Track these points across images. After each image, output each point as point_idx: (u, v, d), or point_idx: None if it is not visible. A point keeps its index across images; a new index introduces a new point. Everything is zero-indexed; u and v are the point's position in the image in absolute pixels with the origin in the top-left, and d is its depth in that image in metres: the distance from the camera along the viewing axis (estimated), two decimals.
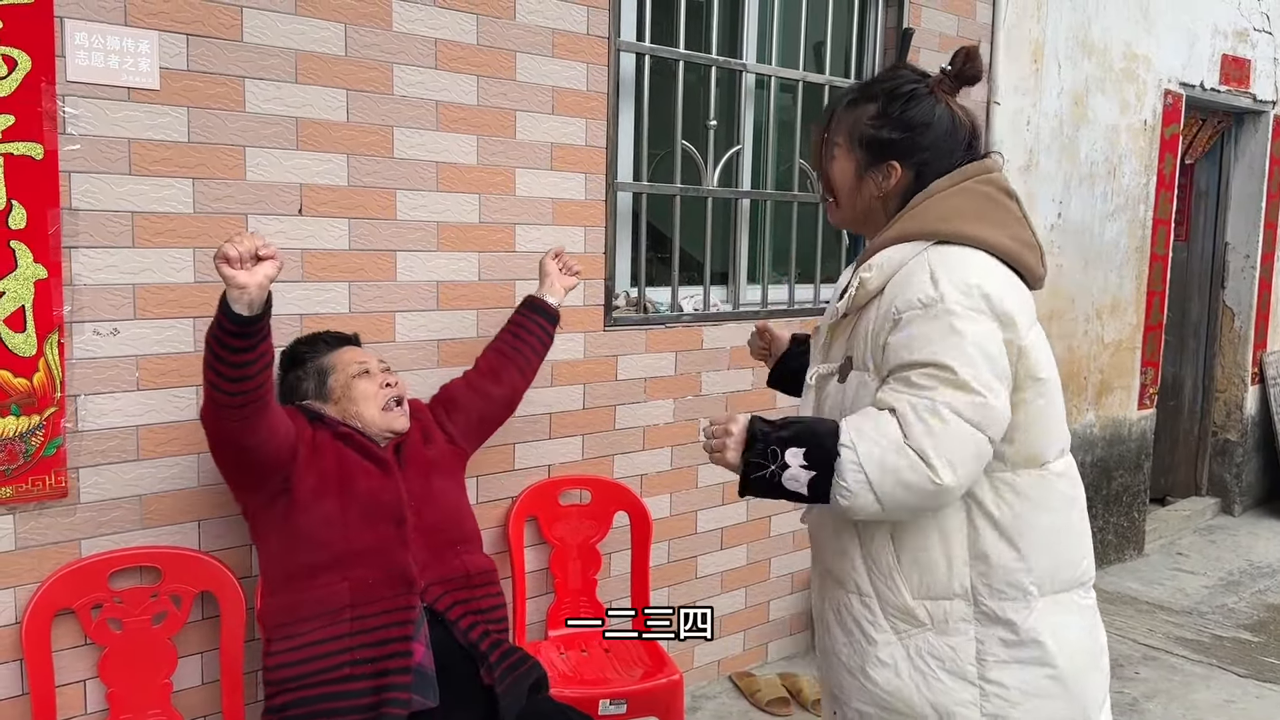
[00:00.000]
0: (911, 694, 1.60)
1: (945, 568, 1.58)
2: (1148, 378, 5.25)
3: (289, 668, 2.04)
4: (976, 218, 1.58)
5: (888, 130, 1.62)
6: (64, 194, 2.10)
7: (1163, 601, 4.68)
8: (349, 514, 2.11)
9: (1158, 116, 4.99)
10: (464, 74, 2.66)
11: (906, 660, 1.61)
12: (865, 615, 1.64)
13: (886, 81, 1.66)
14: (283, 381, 2.30)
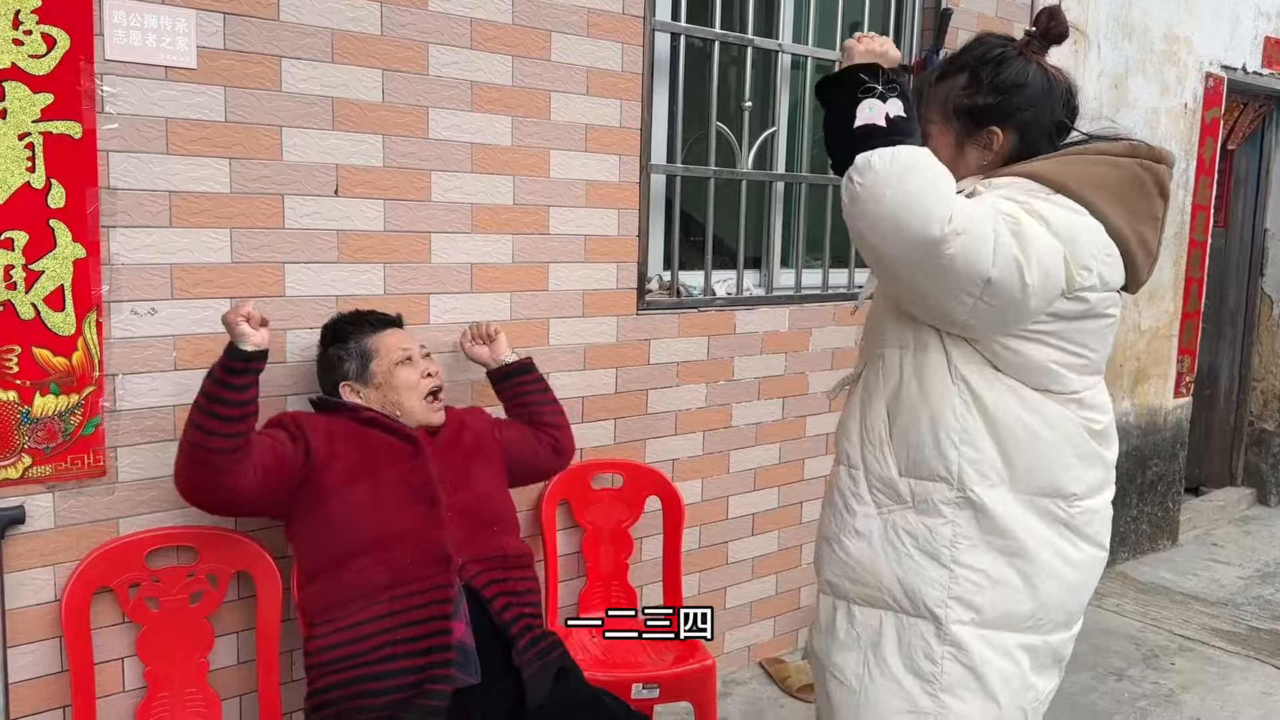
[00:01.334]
0: (881, 567, 1.65)
1: (933, 446, 1.62)
2: (1184, 366, 5.18)
3: (330, 650, 2.04)
4: (1113, 194, 1.56)
5: (982, 96, 1.61)
6: (102, 173, 2.10)
7: (1198, 592, 4.62)
8: (380, 497, 2.11)
9: (1198, 100, 4.90)
10: (499, 54, 2.64)
11: (882, 534, 1.66)
12: (850, 486, 1.70)
13: (974, 50, 1.65)
14: (322, 357, 2.29)
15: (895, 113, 1.50)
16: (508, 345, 2.58)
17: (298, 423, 2.16)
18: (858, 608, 1.71)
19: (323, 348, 2.30)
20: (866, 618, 1.70)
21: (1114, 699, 3.46)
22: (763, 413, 3.44)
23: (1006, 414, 1.61)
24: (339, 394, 2.25)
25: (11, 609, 2.10)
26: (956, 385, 1.60)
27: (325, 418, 2.21)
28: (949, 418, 1.61)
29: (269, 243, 2.33)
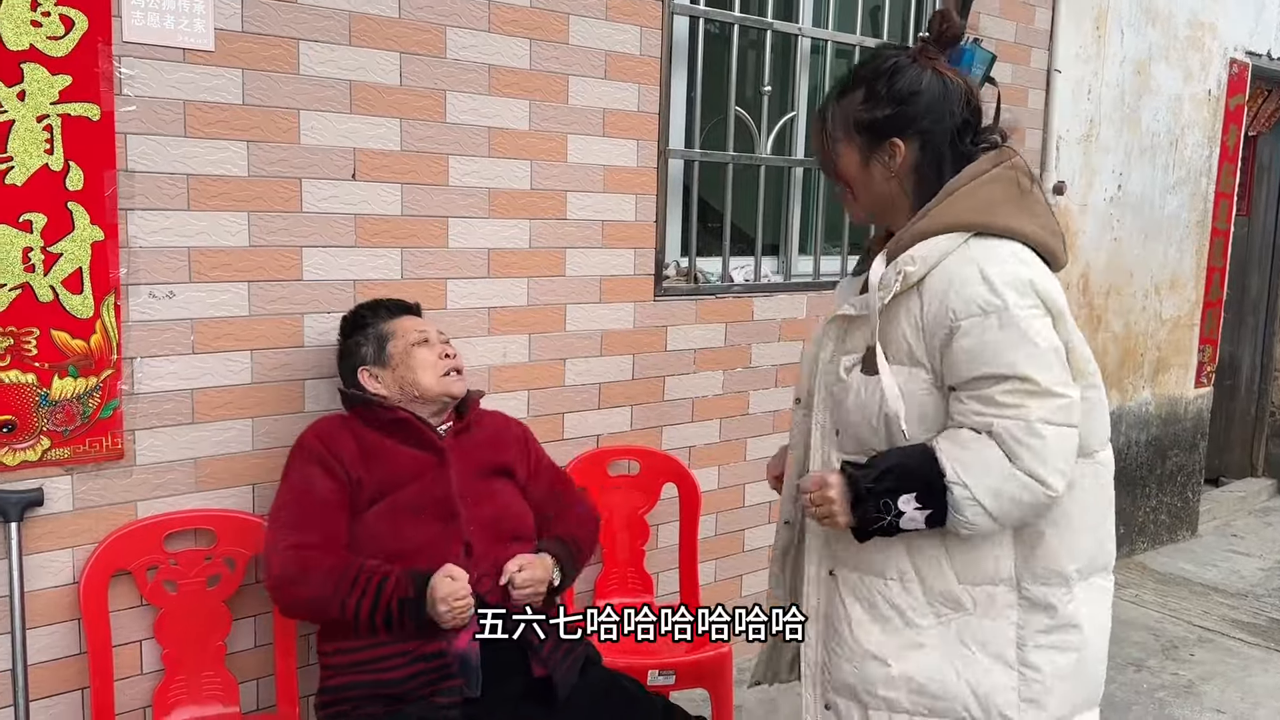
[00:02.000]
0: (950, 677, 1.60)
1: (991, 554, 1.59)
2: (1205, 355, 5.13)
3: (341, 654, 2.04)
4: (1012, 207, 1.56)
5: (879, 108, 1.59)
6: (120, 155, 2.10)
7: (1217, 583, 4.58)
8: (399, 513, 2.08)
9: (1222, 86, 4.84)
10: (517, 37, 2.63)
11: (947, 644, 1.61)
12: (907, 601, 1.62)
13: (869, 63, 1.63)
14: (342, 346, 2.27)
15: (913, 506, 1.52)
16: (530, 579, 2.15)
17: (338, 457, 2.10)
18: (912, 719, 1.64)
19: (342, 338, 2.28)
20: None
21: (1133, 690, 3.44)
22: (780, 400, 3.42)
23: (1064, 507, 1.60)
24: (358, 380, 2.21)
25: (30, 590, 2.10)
26: None
27: (353, 432, 2.15)
28: None
29: (286, 226, 2.33)
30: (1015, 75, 3.90)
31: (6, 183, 1.97)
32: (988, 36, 3.70)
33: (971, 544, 1.59)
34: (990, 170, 1.58)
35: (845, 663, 1.68)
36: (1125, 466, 4.80)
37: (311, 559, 2.00)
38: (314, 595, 1.99)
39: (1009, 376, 1.49)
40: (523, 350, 2.77)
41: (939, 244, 1.54)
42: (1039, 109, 4.06)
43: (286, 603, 2.06)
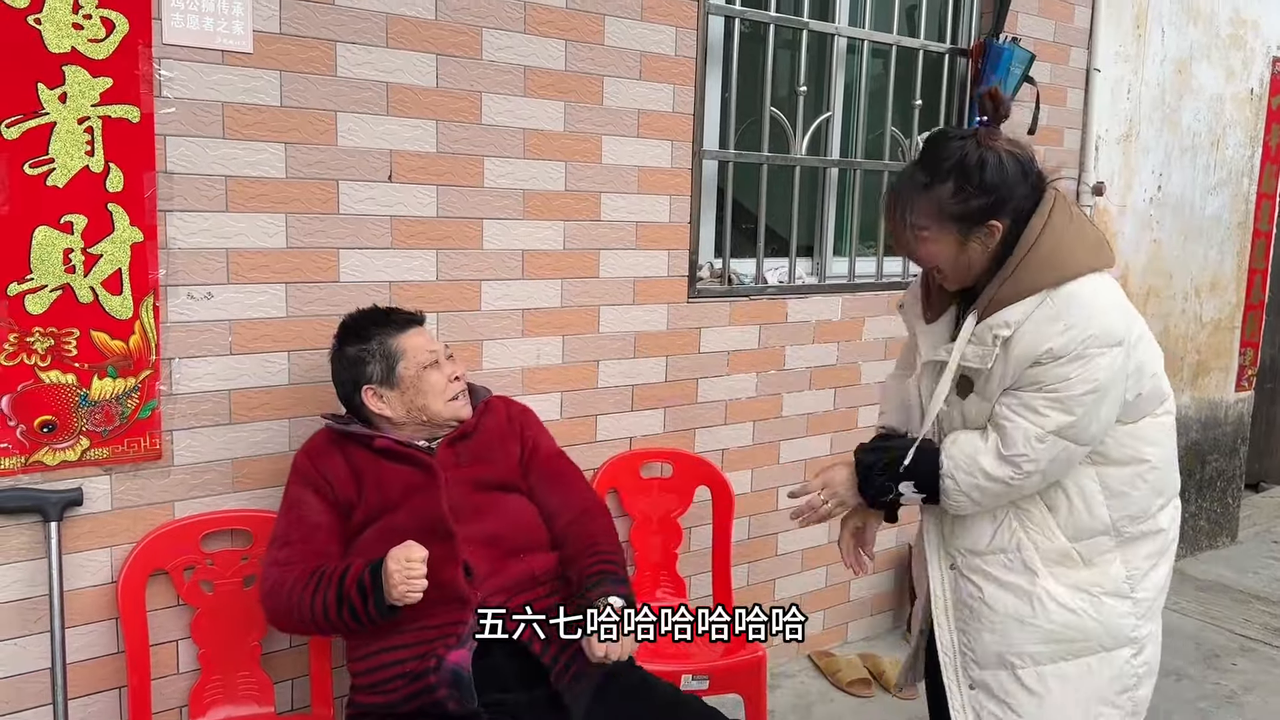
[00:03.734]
0: (1084, 621, 1.85)
1: (1086, 512, 1.85)
2: (1246, 359, 5.04)
3: (360, 675, 2.04)
4: (1073, 248, 1.76)
5: (975, 199, 1.74)
6: (160, 157, 2.11)
7: (1259, 591, 4.50)
8: (392, 536, 1.98)
9: (1265, 85, 4.76)
10: (552, 38, 2.62)
11: (1071, 594, 1.85)
12: (1026, 567, 1.87)
13: (945, 157, 1.76)
14: (340, 355, 2.15)
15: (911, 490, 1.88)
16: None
17: (326, 479, 2.08)
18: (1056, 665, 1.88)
19: (340, 345, 2.16)
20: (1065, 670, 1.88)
21: (1173, 699, 3.38)
22: (814, 403, 3.39)
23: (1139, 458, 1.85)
24: (361, 397, 2.12)
25: (70, 589, 2.12)
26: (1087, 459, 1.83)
27: (342, 454, 2.10)
28: (1091, 486, 1.85)
29: (324, 228, 2.33)
30: (1054, 74, 3.85)
31: (48, 184, 1.99)
32: (1026, 35, 3.65)
33: (1071, 507, 1.84)
34: (1047, 219, 1.76)
35: (986, 634, 1.91)
36: None
37: (287, 573, 2.00)
38: (290, 605, 1.98)
39: (1052, 396, 1.74)
40: (556, 352, 2.76)
41: (1024, 307, 1.75)
42: (1078, 109, 4.00)
43: (272, 618, 2.05)
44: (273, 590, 2.00)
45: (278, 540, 2.07)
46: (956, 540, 1.95)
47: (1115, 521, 1.86)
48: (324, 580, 1.96)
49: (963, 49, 3.64)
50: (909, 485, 1.87)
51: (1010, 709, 1.90)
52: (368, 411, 2.14)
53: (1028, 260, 1.75)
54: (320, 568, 1.99)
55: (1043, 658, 1.87)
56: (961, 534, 1.93)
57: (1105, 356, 1.73)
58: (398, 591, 1.87)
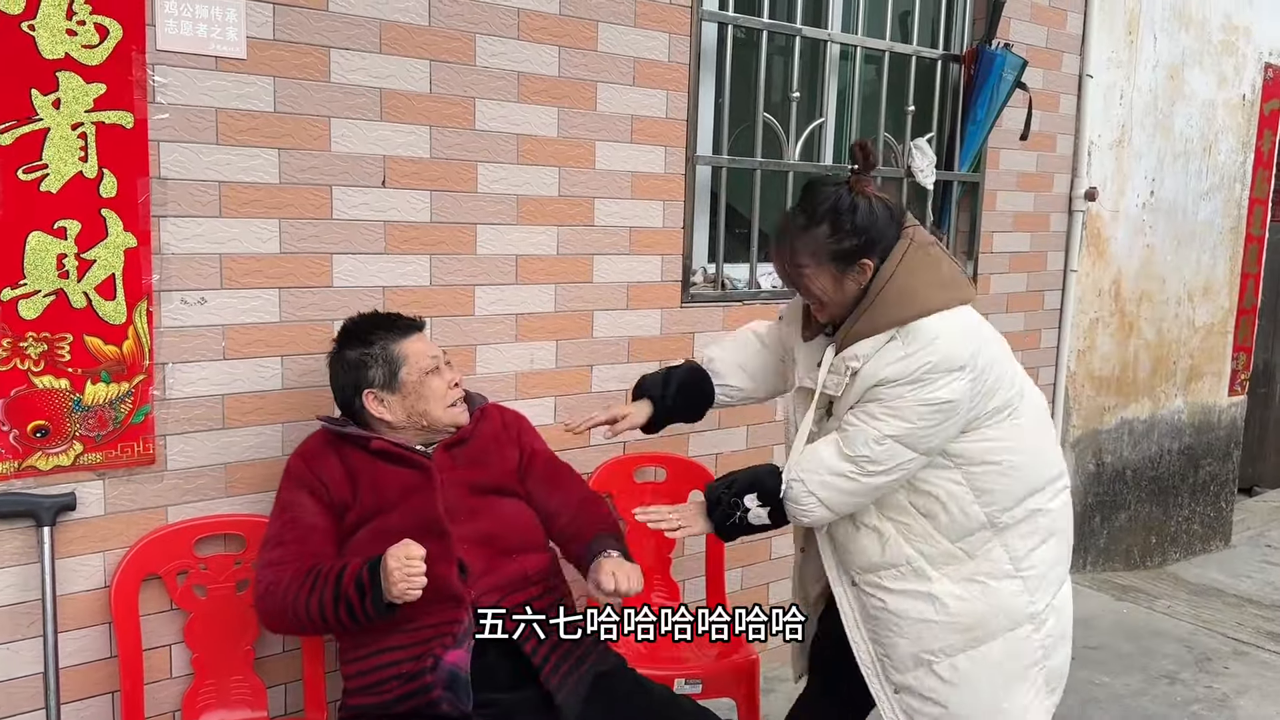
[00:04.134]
0: (978, 607, 2.01)
1: (961, 514, 2.00)
2: (1239, 363, 5.06)
3: (354, 678, 2.05)
4: (922, 288, 1.94)
5: (848, 240, 1.93)
6: (153, 163, 2.11)
7: (1251, 595, 4.52)
8: (387, 536, 1.98)
9: (1257, 91, 4.78)
10: (545, 44, 2.63)
11: (963, 587, 2.01)
12: (921, 574, 2.02)
13: (822, 202, 1.95)
14: (340, 358, 2.15)
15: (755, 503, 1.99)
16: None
17: (322, 481, 2.08)
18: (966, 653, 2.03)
19: (341, 348, 2.16)
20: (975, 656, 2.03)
21: (1166, 703, 3.39)
22: None
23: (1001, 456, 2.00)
24: (362, 400, 2.12)
25: (63, 594, 2.12)
26: (949, 461, 1.99)
27: (338, 456, 2.10)
28: (958, 489, 1.99)
29: (317, 233, 2.34)
30: (1046, 80, 3.87)
31: (41, 190, 1.99)
32: (1019, 42, 3.67)
33: (947, 512, 1.99)
34: (900, 261, 1.94)
35: (900, 639, 2.04)
36: (1158, 475, 4.75)
37: (281, 573, 2.00)
38: (285, 605, 1.97)
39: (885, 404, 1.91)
40: (550, 356, 2.77)
41: (874, 342, 1.94)
42: (1071, 114, 4.02)
43: (266, 620, 2.05)
44: (267, 592, 2.00)
45: (271, 542, 2.07)
46: (849, 561, 2.09)
47: (989, 516, 2.01)
48: (320, 579, 1.96)
49: (955, 55, 3.65)
50: (752, 498, 1.98)
51: (935, 703, 2.04)
52: (366, 415, 2.14)
53: (881, 298, 1.94)
54: (316, 567, 1.99)
55: (953, 649, 2.02)
56: (854, 554, 2.07)
57: (945, 381, 1.90)
58: (397, 589, 1.86)
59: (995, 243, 3.87)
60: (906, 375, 1.90)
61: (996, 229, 3.86)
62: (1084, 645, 3.79)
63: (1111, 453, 4.51)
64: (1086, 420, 4.37)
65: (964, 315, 1.98)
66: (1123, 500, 4.60)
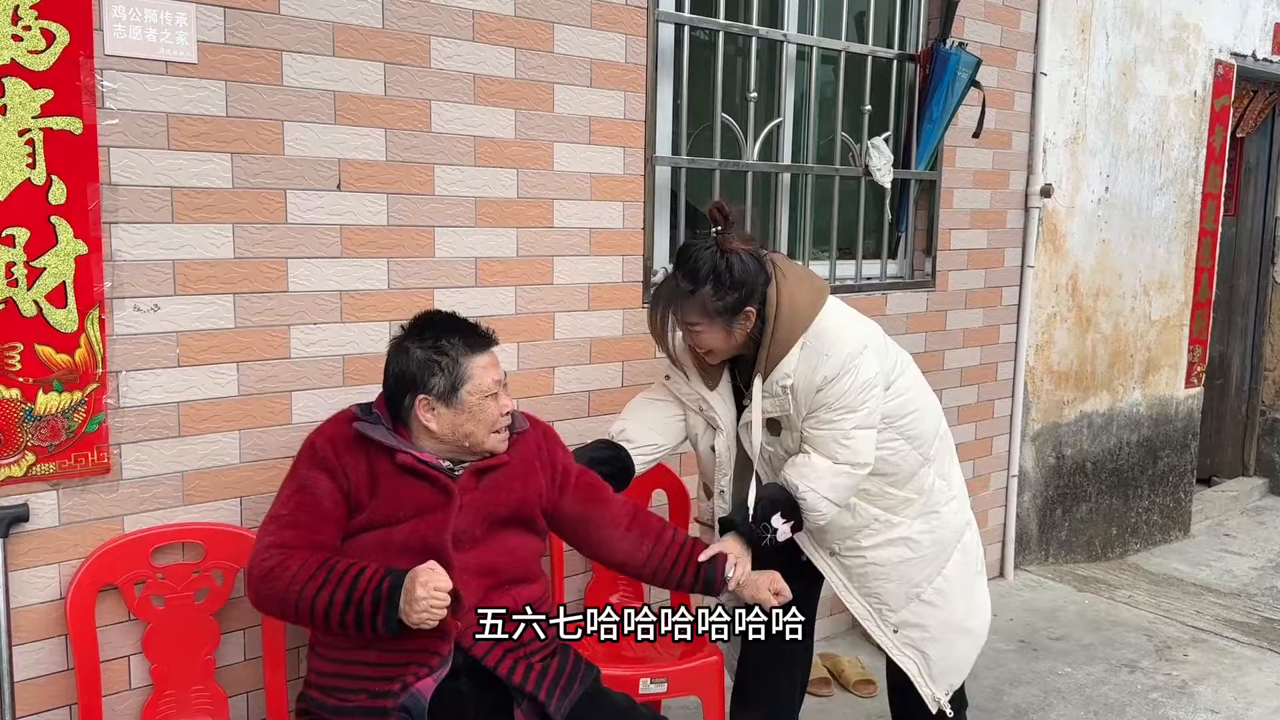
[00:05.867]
0: (940, 533, 2.38)
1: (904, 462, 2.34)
2: (1195, 356, 5.15)
3: (321, 676, 2.03)
4: (802, 298, 2.22)
5: (731, 295, 2.15)
6: (103, 169, 2.09)
7: (1210, 583, 4.59)
8: (388, 550, 1.98)
9: (1208, 88, 4.86)
10: (501, 46, 2.63)
11: (923, 521, 2.36)
12: (887, 522, 2.34)
13: (700, 265, 2.16)
14: (404, 350, 2.05)
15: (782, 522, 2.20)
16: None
17: (345, 472, 2.01)
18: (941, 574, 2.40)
19: (409, 341, 2.06)
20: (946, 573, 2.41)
21: (1126, 691, 3.44)
22: None
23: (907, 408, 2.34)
24: (413, 403, 2.03)
25: (16, 607, 2.09)
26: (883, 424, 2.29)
27: (364, 454, 2.02)
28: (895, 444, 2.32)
29: (272, 238, 2.32)
30: (1001, 79, 3.92)
31: None
32: (973, 40, 3.71)
33: (894, 467, 2.32)
34: (779, 290, 2.20)
35: (889, 584, 2.36)
36: (1117, 467, 4.81)
37: (290, 559, 1.93)
38: (287, 592, 1.90)
39: (839, 406, 2.20)
40: (511, 359, 2.77)
41: (792, 357, 2.21)
42: (1025, 112, 4.07)
43: (258, 600, 1.96)
44: (271, 573, 1.91)
45: (282, 520, 1.98)
46: (826, 537, 2.37)
47: (921, 454, 2.36)
48: (334, 577, 1.89)
49: (911, 54, 3.69)
50: (778, 518, 2.19)
51: (927, 628, 2.39)
52: (409, 416, 2.06)
53: (779, 325, 2.20)
54: (329, 560, 1.92)
55: (931, 575, 2.38)
56: (829, 531, 2.34)
57: (862, 361, 2.20)
58: (418, 617, 1.83)
59: (953, 240, 3.91)
60: (838, 372, 2.18)
61: (954, 226, 3.90)
62: (1047, 636, 3.83)
63: (1071, 446, 4.57)
64: (1046, 414, 4.42)
65: (835, 305, 2.29)
66: (1083, 493, 4.66)
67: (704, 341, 2.23)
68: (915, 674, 2.43)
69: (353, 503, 2.02)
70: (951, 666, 2.47)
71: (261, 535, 2.00)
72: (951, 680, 2.47)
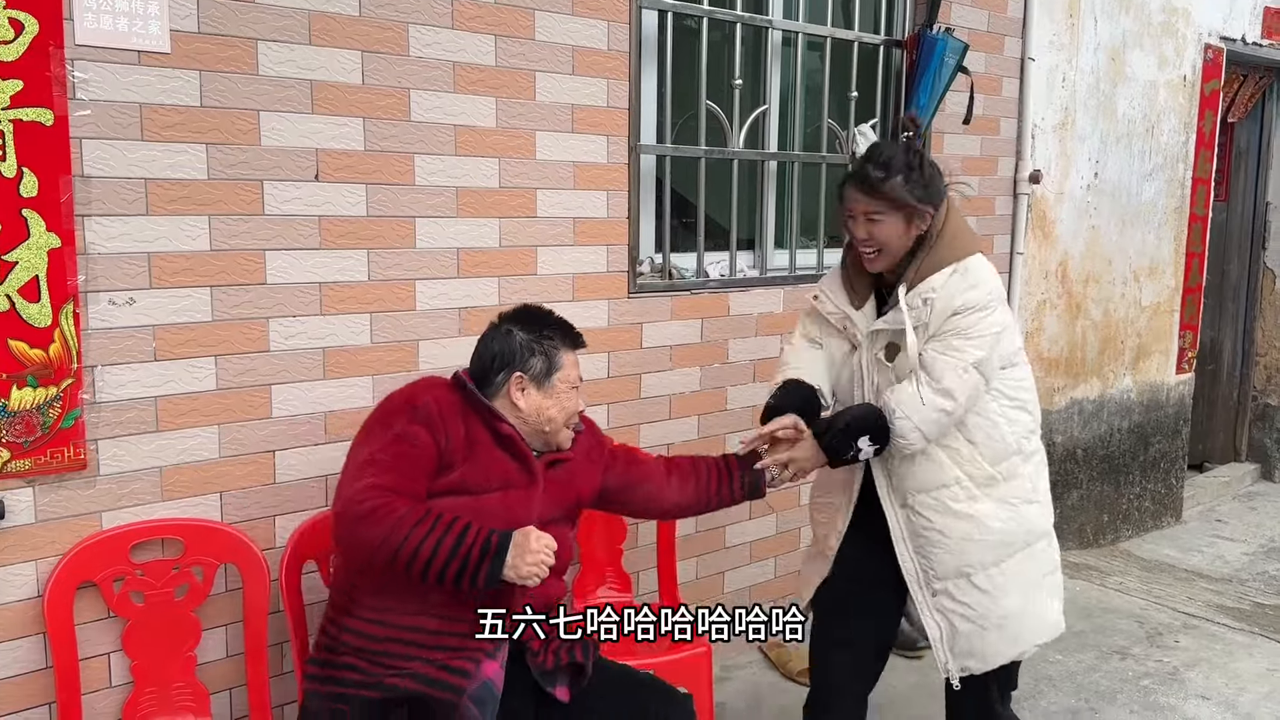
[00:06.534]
0: (1011, 526, 2.33)
1: (1000, 440, 2.30)
2: (1186, 341, 5.13)
3: (364, 638, 1.98)
4: (967, 234, 2.31)
5: (917, 190, 2.21)
6: (75, 161, 2.06)
7: (1202, 569, 4.59)
8: (477, 513, 1.98)
9: (1197, 72, 4.84)
10: (481, 33, 2.60)
11: (999, 508, 2.31)
12: (967, 494, 2.30)
13: (893, 156, 2.23)
14: (507, 333, 2.11)
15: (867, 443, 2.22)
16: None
17: (446, 432, 2.01)
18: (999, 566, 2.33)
19: (513, 326, 2.13)
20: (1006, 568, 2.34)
21: (1118, 678, 3.43)
22: (758, 395, 3.38)
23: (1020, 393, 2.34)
24: (507, 378, 2.09)
25: None
26: (992, 393, 2.28)
27: (464, 421, 2.05)
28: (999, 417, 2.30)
29: (249, 229, 2.29)
30: (989, 64, 3.89)
31: None
32: (960, 26, 3.68)
33: (988, 439, 2.29)
34: (949, 209, 2.27)
35: (945, 554, 2.32)
36: (1109, 454, 4.80)
37: (395, 499, 1.90)
38: (393, 532, 1.86)
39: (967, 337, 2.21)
40: None
41: (941, 276, 2.24)
42: (1014, 98, 4.04)
43: (352, 537, 1.91)
44: (376, 512, 1.87)
45: (381, 465, 1.95)
46: (905, 484, 2.33)
47: (1017, 442, 2.33)
48: (441, 525, 1.88)
49: (898, 40, 3.66)
50: (865, 440, 2.21)
51: (969, 606, 2.34)
52: (499, 392, 2.10)
53: (941, 240, 2.25)
54: (433, 511, 1.92)
55: (989, 563, 2.32)
56: (909, 478, 2.32)
57: (999, 309, 2.26)
58: (526, 569, 1.87)
59: None
60: (978, 303, 2.21)
61: None
62: None
63: (1062, 433, 4.55)
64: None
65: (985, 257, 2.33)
66: (1075, 479, 4.65)
67: (879, 233, 2.22)
68: (936, 639, 2.40)
69: (445, 462, 2.02)
70: (974, 652, 2.39)
71: (356, 476, 1.94)
72: (969, 665, 2.39)
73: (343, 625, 2.02)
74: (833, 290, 2.41)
